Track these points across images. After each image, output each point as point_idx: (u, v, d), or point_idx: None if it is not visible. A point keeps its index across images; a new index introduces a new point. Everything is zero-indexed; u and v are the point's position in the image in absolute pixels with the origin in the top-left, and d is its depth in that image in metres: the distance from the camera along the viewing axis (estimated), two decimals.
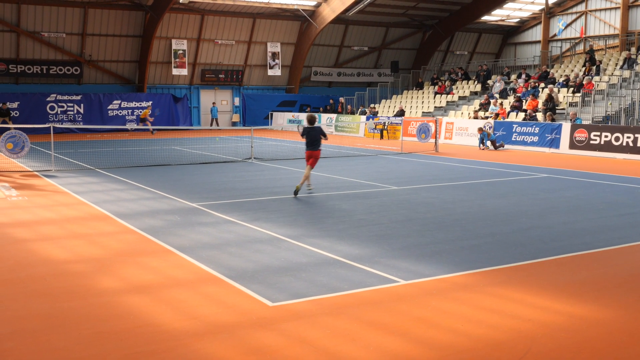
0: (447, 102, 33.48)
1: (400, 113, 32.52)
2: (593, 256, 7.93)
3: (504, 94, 30.50)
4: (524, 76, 31.79)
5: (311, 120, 13.29)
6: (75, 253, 8.13)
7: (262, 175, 16.03)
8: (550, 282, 6.79)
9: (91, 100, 34.23)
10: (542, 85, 29.43)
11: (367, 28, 40.52)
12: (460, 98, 33.71)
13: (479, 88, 33.93)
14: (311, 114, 13.68)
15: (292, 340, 5.21)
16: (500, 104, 28.48)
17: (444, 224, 9.77)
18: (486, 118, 27.42)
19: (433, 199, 12.23)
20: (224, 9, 35.70)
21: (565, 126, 22.84)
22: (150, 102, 35.16)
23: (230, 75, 38.62)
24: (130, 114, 35.15)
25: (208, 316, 5.77)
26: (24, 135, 17.24)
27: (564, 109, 26.23)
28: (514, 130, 24.75)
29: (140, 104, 35.38)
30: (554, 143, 23.05)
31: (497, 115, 27.20)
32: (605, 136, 21.39)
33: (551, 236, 8.94)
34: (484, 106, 29.43)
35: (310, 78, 41.41)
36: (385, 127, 30.75)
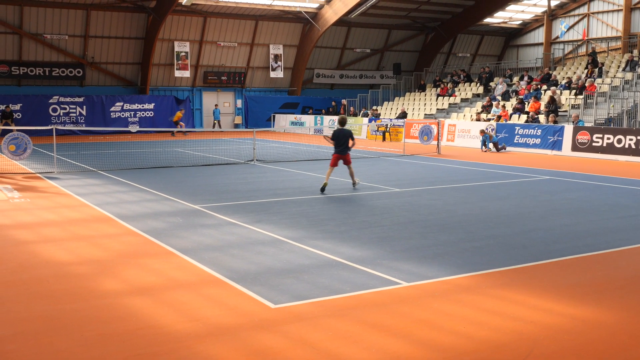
0: (450, 104, 33.48)
1: (403, 115, 32.52)
2: (595, 258, 7.92)
3: (506, 96, 30.49)
4: (526, 78, 31.78)
5: (342, 121, 13.50)
6: (78, 255, 8.14)
7: (264, 177, 16.04)
8: (553, 284, 6.78)
9: (94, 102, 34.29)
10: (545, 87, 29.43)
11: (370, 30, 40.54)
12: (462, 100, 33.71)
13: (481, 90, 33.93)
14: (342, 116, 13.90)
15: (294, 342, 5.21)
16: (503, 106, 28.47)
17: (446, 226, 9.76)
18: (488, 120, 27.41)
19: (435, 201, 12.22)
20: (227, 11, 35.75)
21: (568, 128, 22.82)
22: (182, 108, 35.89)
23: (233, 77, 38.65)
24: (132, 115, 35.21)
25: (210, 318, 5.77)
26: (26, 137, 17.26)
27: (566, 111, 26.22)
28: (516, 132, 24.73)
29: (142, 106, 35.46)
30: (556, 145, 23.03)
31: (500, 117, 27.19)
32: (608, 138, 21.37)
33: (553, 238, 8.93)
34: (486, 108, 29.42)
35: (312, 80, 41.44)
36: (388, 129, 30.76)
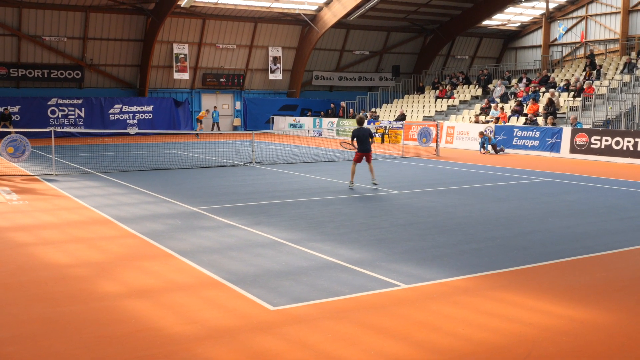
0: (448, 107, 33.52)
1: (402, 117, 32.55)
2: (594, 260, 7.93)
3: (504, 98, 30.53)
4: (524, 80, 31.82)
5: (360, 121, 13.99)
6: (76, 257, 8.13)
7: (263, 179, 16.04)
8: (551, 286, 6.79)
9: (92, 104, 34.29)
10: (543, 89, 29.47)
11: (368, 32, 40.59)
12: (461, 102, 33.74)
13: (479, 92, 33.96)
14: (360, 116, 14.44)
15: (293, 344, 5.21)
16: (501, 108, 28.50)
17: (445, 228, 9.77)
18: (487, 122, 27.44)
19: (434, 203, 12.23)
20: (226, 13, 35.78)
21: (566, 130, 22.84)
22: (207, 109, 36.97)
23: (232, 79, 38.67)
24: (131, 118, 35.21)
25: (209, 320, 5.77)
26: (25, 139, 17.26)
27: (564, 113, 26.25)
28: (514, 134, 24.76)
29: (141, 108, 35.46)
30: (555, 147, 23.05)
31: (498, 119, 27.22)
32: (606, 140, 21.40)
33: (552, 240, 8.94)
34: (485, 110, 29.45)
35: (311, 82, 41.46)
36: (387, 131, 30.78)
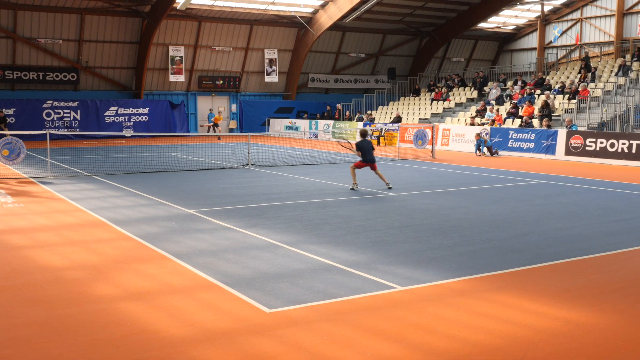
0: (444, 109, 33.57)
1: (397, 119, 32.58)
2: (589, 262, 7.95)
3: (500, 101, 30.60)
4: (520, 83, 31.91)
5: (364, 133, 14.53)
6: (72, 260, 8.12)
7: (259, 181, 16.04)
8: (547, 288, 6.80)
9: (88, 106, 34.22)
10: (538, 91, 29.54)
11: (364, 35, 40.64)
12: (456, 105, 33.80)
13: (475, 95, 34.03)
14: (364, 129, 15.13)
15: (289, 346, 5.21)
16: (497, 110, 28.57)
17: (440, 230, 9.79)
18: (483, 124, 27.50)
19: (430, 205, 12.25)
20: (221, 15, 35.79)
21: (561, 133, 22.91)
22: (221, 110, 37.75)
23: (228, 81, 38.67)
24: (127, 120, 35.15)
25: (205, 323, 5.77)
26: (20, 142, 17.22)
27: (559, 116, 26.33)
28: (510, 136, 24.82)
29: (137, 111, 35.40)
30: (550, 149, 23.12)
31: (494, 121, 27.28)
32: (601, 142, 21.47)
33: (547, 242, 8.96)
34: (481, 113, 29.51)
35: (307, 84, 41.49)
36: (382, 134, 30.80)
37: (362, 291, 6.65)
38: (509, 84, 33.12)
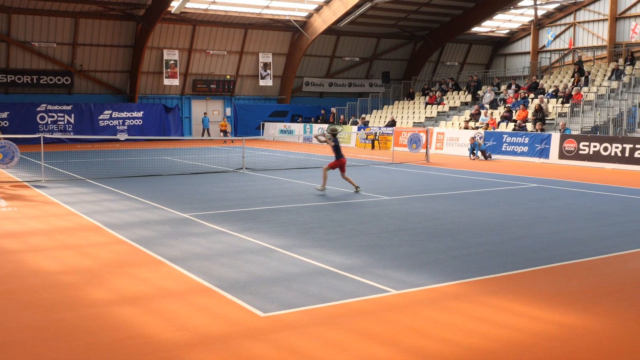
0: (438, 113, 33.65)
1: (392, 123, 32.64)
2: (583, 265, 7.98)
3: (494, 105, 30.70)
4: (513, 87, 32.02)
5: (333, 131, 14.63)
6: (66, 264, 8.09)
7: (254, 185, 16.03)
8: (541, 292, 6.82)
9: (82, 110, 34.13)
10: (532, 95, 29.66)
11: (359, 39, 40.71)
12: (451, 108, 33.89)
13: (469, 98, 34.13)
14: (334, 127, 15.25)
15: (284, 350, 5.21)
16: (491, 114, 28.66)
17: (435, 234, 9.81)
18: (477, 128, 27.58)
19: (424, 208, 12.27)
20: (216, 19, 35.79)
21: (555, 136, 23.00)
22: (225, 116, 38.13)
23: (222, 85, 38.65)
24: (121, 124, 35.08)
25: (199, 327, 5.76)
26: (13, 146, 17.16)
27: (553, 119, 26.44)
28: (504, 140, 24.90)
29: (131, 114, 35.34)
30: (544, 153, 23.20)
31: (488, 125, 27.36)
32: (594, 146, 21.56)
33: (541, 245, 8.99)
34: (475, 116, 29.60)
35: (301, 88, 41.51)
36: (377, 138, 30.85)
37: (357, 295, 6.65)
38: (503, 87, 33.23)
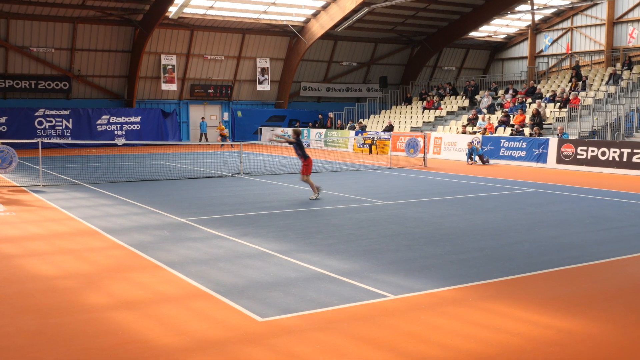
0: (436, 117, 33.70)
1: (389, 128, 32.68)
2: (581, 270, 7.99)
3: (491, 109, 30.76)
4: (511, 91, 32.09)
5: (298, 132, 15.00)
6: (64, 269, 8.08)
7: (252, 190, 16.03)
8: (539, 296, 6.83)
9: (80, 115, 34.12)
10: (529, 100, 29.72)
11: (356, 44, 40.78)
12: (448, 113, 33.94)
13: (467, 103, 34.19)
14: (297, 129, 15.61)
15: (282, 355, 5.21)
16: (488, 119, 28.70)
17: (432, 239, 9.81)
18: (474, 133, 27.62)
19: (422, 213, 12.28)
20: (214, 24, 35.84)
21: (552, 141, 23.04)
22: (221, 120, 38.67)
23: (220, 90, 38.68)
24: (119, 129, 35.07)
25: (197, 332, 5.75)
26: (11, 151, 17.15)
27: (550, 124, 26.49)
28: (501, 145, 24.93)
29: (129, 119, 35.33)
30: (541, 158, 23.24)
31: (485, 130, 27.41)
32: (592, 151, 21.60)
33: (539, 250, 9.00)
34: (472, 121, 29.65)
35: (299, 93, 41.55)
36: (374, 142, 30.87)
37: (355, 300, 6.65)
38: (500, 92, 33.30)
